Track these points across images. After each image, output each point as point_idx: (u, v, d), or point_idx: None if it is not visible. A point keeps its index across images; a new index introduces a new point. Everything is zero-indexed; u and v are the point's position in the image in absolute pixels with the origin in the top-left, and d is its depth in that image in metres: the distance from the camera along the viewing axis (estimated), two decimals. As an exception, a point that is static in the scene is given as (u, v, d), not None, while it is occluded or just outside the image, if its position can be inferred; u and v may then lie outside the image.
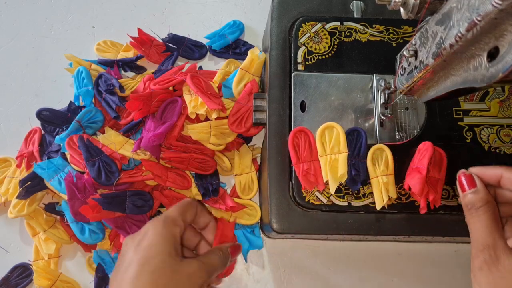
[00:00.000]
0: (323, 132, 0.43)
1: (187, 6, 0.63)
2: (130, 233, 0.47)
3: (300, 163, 0.43)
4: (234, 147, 0.53)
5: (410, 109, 0.46)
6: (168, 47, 0.59)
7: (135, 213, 0.47)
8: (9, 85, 0.59)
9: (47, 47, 0.61)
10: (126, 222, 0.48)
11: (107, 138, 0.50)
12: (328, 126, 0.44)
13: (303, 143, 0.43)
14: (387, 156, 0.43)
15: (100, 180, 0.47)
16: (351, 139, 0.44)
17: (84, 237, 0.47)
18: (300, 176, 0.43)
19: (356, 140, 0.44)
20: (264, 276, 0.50)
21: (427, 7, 0.32)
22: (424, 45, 0.34)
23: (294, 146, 0.43)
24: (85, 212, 0.45)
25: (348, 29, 0.49)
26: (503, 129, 0.46)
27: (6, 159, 0.54)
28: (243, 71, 0.52)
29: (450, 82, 0.33)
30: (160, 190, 0.50)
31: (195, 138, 0.50)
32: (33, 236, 0.50)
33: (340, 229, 0.43)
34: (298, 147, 0.44)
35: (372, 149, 0.43)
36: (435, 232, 0.43)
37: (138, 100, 0.49)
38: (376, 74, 0.47)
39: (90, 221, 0.47)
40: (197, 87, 0.49)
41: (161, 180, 0.48)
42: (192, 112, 0.50)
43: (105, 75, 0.54)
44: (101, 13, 0.62)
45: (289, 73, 0.48)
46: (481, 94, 0.47)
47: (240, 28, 0.60)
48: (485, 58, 0.27)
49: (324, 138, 0.43)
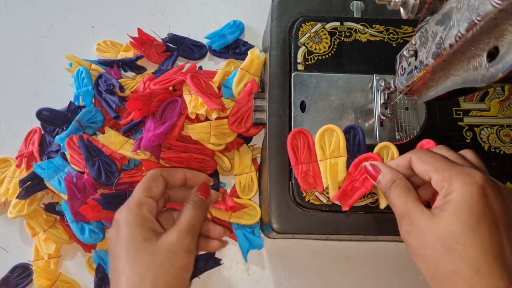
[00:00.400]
0: (322, 136, 0.43)
1: (187, 6, 0.63)
2: None
3: (299, 164, 0.43)
4: (234, 147, 0.53)
5: (410, 109, 0.46)
6: (168, 47, 0.59)
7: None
8: (9, 85, 0.59)
9: (47, 47, 0.61)
10: None
11: (107, 138, 0.50)
12: (328, 128, 0.43)
13: (301, 144, 0.43)
14: (393, 153, 0.43)
15: (100, 180, 0.47)
16: (348, 137, 0.44)
17: (84, 237, 0.47)
18: (299, 177, 0.43)
19: (353, 137, 0.44)
20: (264, 276, 0.50)
21: (427, 7, 0.32)
22: (424, 45, 0.34)
23: (293, 148, 0.43)
24: (85, 212, 0.45)
25: (348, 29, 0.49)
26: (503, 129, 0.46)
27: (6, 159, 0.54)
28: (243, 71, 0.52)
29: (450, 82, 0.33)
30: None
31: (195, 138, 0.50)
32: (33, 236, 0.50)
33: (340, 229, 0.43)
34: (297, 149, 0.43)
35: (377, 147, 0.43)
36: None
37: (138, 100, 0.49)
38: (376, 74, 0.47)
39: (90, 221, 0.47)
40: (197, 87, 0.49)
41: None
42: (192, 112, 0.50)
43: (105, 75, 0.54)
44: (101, 13, 0.62)
45: (289, 73, 0.48)
46: (481, 94, 0.47)
47: (240, 28, 0.60)
48: (485, 58, 0.27)
49: (324, 142, 0.43)
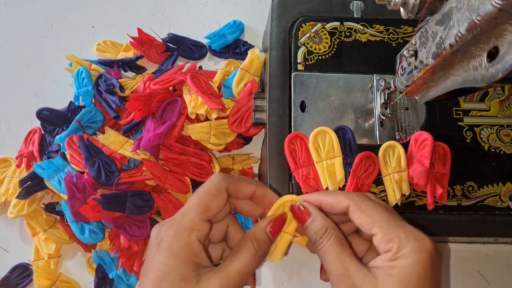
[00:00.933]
0: (315, 138, 0.43)
1: (187, 6, 0.63)
2: (130, 233, 0.47)
3: (299, 168, 0.43)
4: (234, 147, 0.53)
5: (410, 109, 0.46)
6: (168, 47, 0.59)
7: (135, 213, 0.47)
8: (9, 85, 0.59)
9: (47, 47, 0.61)
10: (126, 222, 0.48)
11: (107, 138, 0.50)
12: (320, 131, 0.43)
13: (299, 148, 0.43)
14: (399, 152, 0.42)
15: (100, 180, 0.47)
16: (338, 138, 0.44)
17: (84, 237, 0.47)
18: (300, 181, 0.42)
19: (343, 137, 0.44)
20: (264, 276, 0.50)
21: (427, 7, 0.32)
22: (424, 45, 0.34)
23: (291, 152, 0.43)
24: (86, 212, 0.45)
25: (348, 29, 0.49)
26: (503, 129, 0.46)
27: (6, 159, 0.54)
28: (243, 71, 0.52)
29: (450, 82, 0.33)
30: (158, 192, 0.50)
31: (195, 138, 0.50)
32: (33, 236, 0.50)
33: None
34: (295, 153, 0.43)
35: (383, 147, 0.43)
36: (435, 232, 0.43)
37: (139, 100, 0.49)
38: (376, 74, 0.47)
39: (90, 221, 0.47)
40: (197, 86, 0.49)
41: (160, 181, 0.48)
42: (192, 112, 0.50)
43: (105, 75, 0.54)
44: (101, 13, 0.62)
45: (289, 73, 0.48)
46: (481, 94, 0.47)
47: (240, 28, 0.60)
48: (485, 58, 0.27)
49: (318, 144, 0.43)
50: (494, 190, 0.44)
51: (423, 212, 0.43)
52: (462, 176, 0.44)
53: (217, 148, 0.51)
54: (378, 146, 0.45)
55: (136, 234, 0.47)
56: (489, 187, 0.44)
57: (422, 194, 0.43)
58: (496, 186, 0.44)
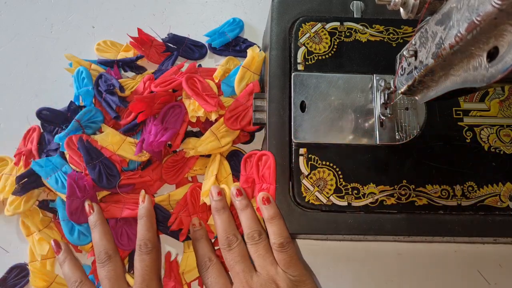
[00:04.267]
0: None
1: (187, 6, 0.63)
2: (119, 241, 0.48)
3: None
4: (240, 140, 0.53)
5: (410, 109, 0.46)
6: (168, 47, 0.59)
7: (102, 184, 0.47)
8: (9, 85, 0.59)
9: (47, 47, 0.61)
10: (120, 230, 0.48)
11: (105, 138, 0.50)
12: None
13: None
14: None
15: (102, 183, 0.47)
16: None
17: (72, 238, 0.47)
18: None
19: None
20: (264, 276, 0.50)
21: (427, 7, 0.32)
22: (424, 45, 0.34)
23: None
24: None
25: (348, 29, 0.49)
26: (503, 129, 0.46)
27: (3, 158, 0.53)
28: (244, 69, 0.52)
29: (450, 82, 0.33)
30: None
31: (208, 152, 0.50)
32: (27, 236, 0.50)
33: (340, 229, 0.43)
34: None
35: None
36: (435, 232, 0.43)
37: (142, 102, 0.49)
38: (376, 74, 0.47)
39: (83, 223, 0.47)
40: (192, 90, 0.49)
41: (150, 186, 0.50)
42: (193, 116, 0.50)
43: (105, 75, 0.54)
44: (101, 13, 0.62)
45: (289, 73, 0.48)
46: (481, 94, 0.47)
47: (240, 26, 0.60)
48: (484, 58, 0.27)
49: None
50: (494, 190, 0.44)
51: (423, 212, 0.43)
52: (462, 176, 0.44)
53: (228, 146, 0.51)
54: (378, 146, 0.45)
55: (124, 245, 0.47)
56: (489, 187, 0.44)
57: (422, 194, 0.43)
58: (496, 186, 0.44)
